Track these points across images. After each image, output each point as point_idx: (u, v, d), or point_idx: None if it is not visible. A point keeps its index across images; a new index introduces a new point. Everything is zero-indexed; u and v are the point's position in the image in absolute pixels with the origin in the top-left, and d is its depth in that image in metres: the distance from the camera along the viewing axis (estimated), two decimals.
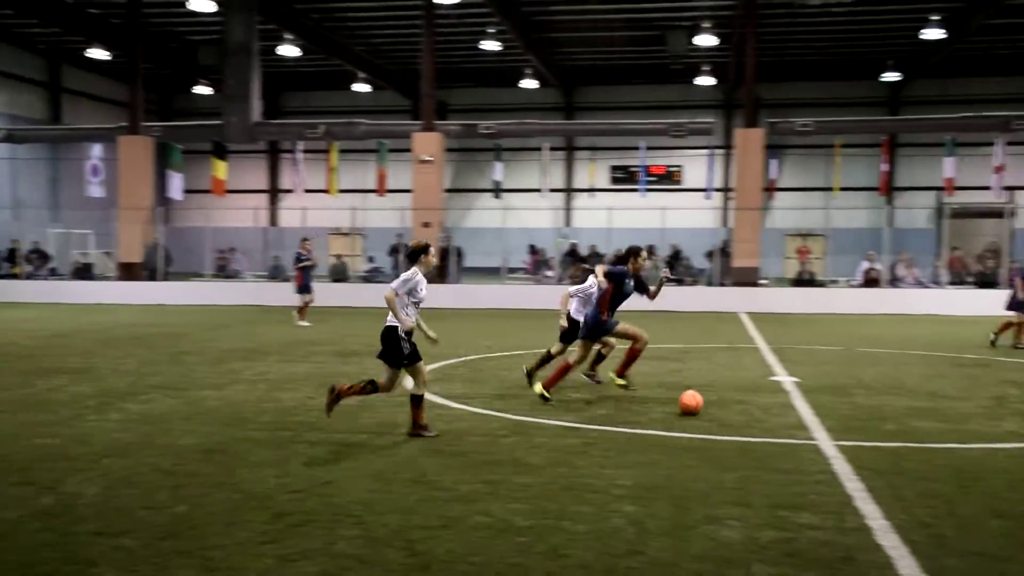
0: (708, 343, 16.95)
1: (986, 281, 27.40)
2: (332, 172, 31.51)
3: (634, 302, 10.71)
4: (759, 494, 6.36)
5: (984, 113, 28.80)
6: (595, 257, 30.05)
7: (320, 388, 11.07)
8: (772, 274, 30.21)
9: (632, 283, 10.41)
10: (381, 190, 30.90)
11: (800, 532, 5.54)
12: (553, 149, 33.20)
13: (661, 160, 37.40)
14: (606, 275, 10.08)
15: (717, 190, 34.31)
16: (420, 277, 8.17)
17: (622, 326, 10.35)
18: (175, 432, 8.39)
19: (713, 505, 6.10)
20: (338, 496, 6.28)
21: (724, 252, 28.66)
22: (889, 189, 33.43)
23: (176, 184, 31.40)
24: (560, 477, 6.84)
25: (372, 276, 31.03)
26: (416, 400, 8.26)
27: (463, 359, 14.19)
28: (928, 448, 7.90)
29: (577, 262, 28.45)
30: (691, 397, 9.44)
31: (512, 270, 30.53)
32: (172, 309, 25.52)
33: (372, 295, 27.82)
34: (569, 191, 39.74)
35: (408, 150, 29.85)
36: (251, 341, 16.75)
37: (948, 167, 28.43)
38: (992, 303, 25.05)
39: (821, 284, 28.39)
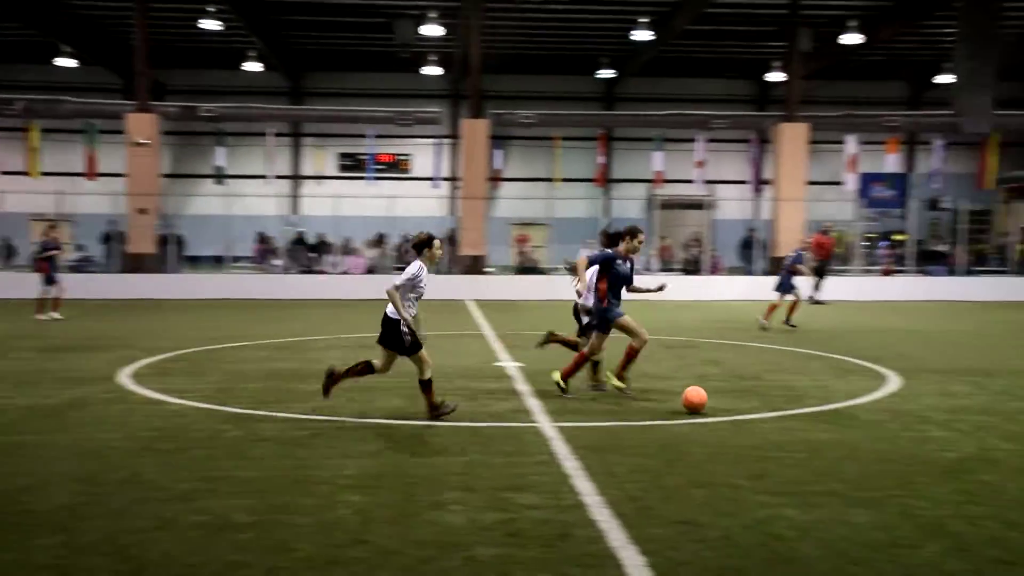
0: (434, 330, 17.15)
1: (691, 268, 29.56)
2: (33, 153, 29.10)
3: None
4: (482, 478, 6.51)
5: (687, 111, 30.99)
6: (323, 245, 29.67)
7: (20, 386, 10.21)
8: (498, 262, 31.05)
9: (627, 265, 9.74)
10: (91, 174, 28.91)
11: (521, 512, 5.72)
12: (279, 135, 32.33)
13: (389, 148, 37.40)
14: (589, 261, 9.74)
15: (444, 179, 34.73)
16: (424, 271, 8.37)
17: (625, 319, 9.72)
18: None
19: (438, 491, 6.17)
20: (38, 503, 5.80)
21: (452, 240, 29.15)
22: (605, 180, 35.27)
23: None
24: (285, 470, 6.69)
25: (82, 266, 28.98)
26: (425, 385, 8.43)
27: (182, 352, 13.54)
28: (639, 426, 8.40)
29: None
30: (695, 394, 8.98)
31: (237, 259, 29.54)
32: None
33: (80, 286, 26.00)
34: (296, 178, 38.93)
35: (121, 131, 28.09)
36: None
37: (657, 161, 30.38)
38: (697, 289, 27.11)
39: (544, 272, 29.53)
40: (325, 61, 37.61)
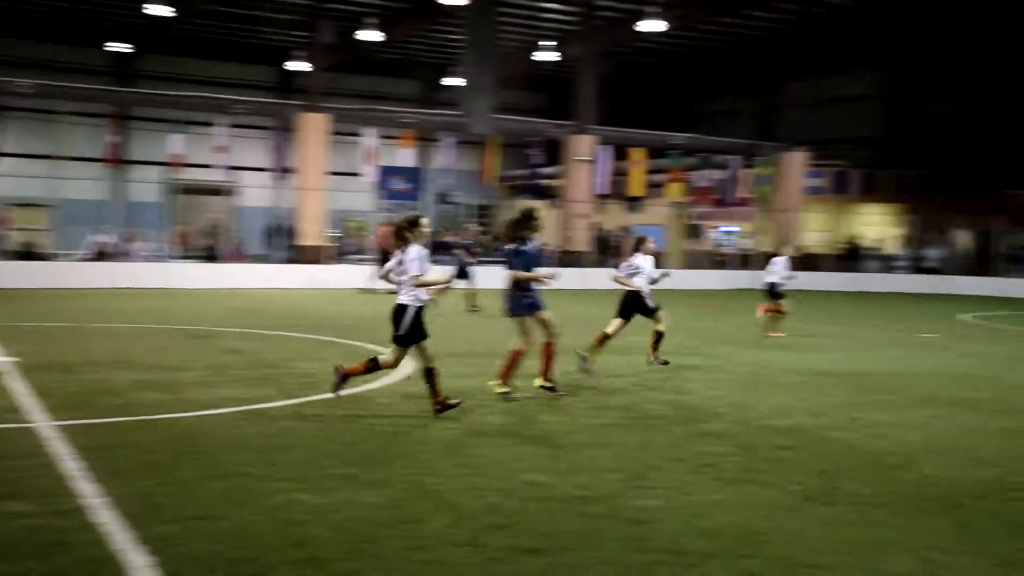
0: None
1: (210, 255, 28.86)
2: None
3: None
4: None
5: (207, 94, 30.14)
6: None
7: None
8: None
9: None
10: None
11: (8, 522, 5.17)
12: None
13: None
14: None
15: None
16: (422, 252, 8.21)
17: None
18: None
19: None
20: None
21: None
22: (120, 161, 33.13)
23: None
24: None
25: None
26: (430, 375, 8.28)
27: None
28: (150, 420, 7.99)
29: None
30: None
31: None
32: None
33: None
34: None
35: None
36: None
37: (176, 144, 29.17)
38: (217, 276, 26.47)
39: (47, 257, 27.15)
40: None
